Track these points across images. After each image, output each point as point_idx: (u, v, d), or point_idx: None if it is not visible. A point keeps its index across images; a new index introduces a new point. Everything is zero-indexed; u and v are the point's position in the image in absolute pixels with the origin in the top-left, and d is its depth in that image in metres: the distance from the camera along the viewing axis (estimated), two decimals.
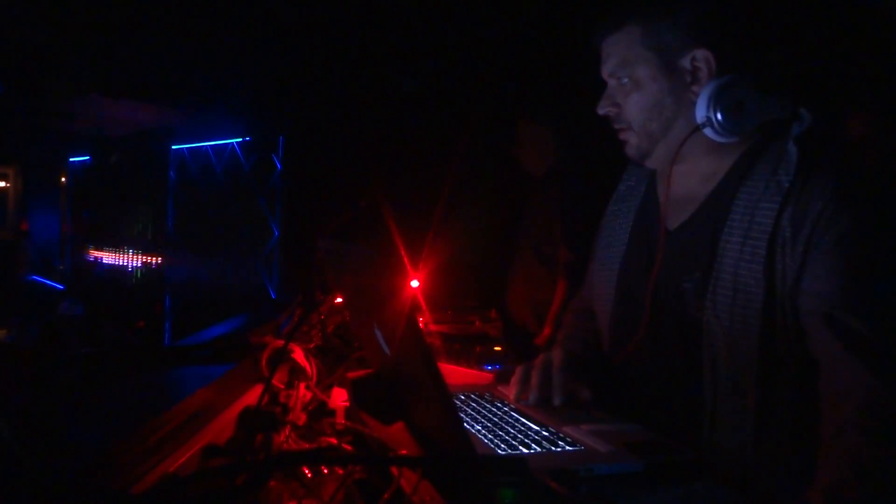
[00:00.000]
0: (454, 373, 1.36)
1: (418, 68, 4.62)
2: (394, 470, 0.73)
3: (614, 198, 1.37)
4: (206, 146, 5.55)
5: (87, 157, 6.88)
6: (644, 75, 1.13)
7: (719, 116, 1.06)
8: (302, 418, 1.03)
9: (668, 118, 1.14)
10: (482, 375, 1.33)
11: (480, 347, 1.50)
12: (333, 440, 0.93)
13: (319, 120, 4.78)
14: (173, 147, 5.80)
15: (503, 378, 1.24)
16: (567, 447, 0.89)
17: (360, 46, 4.50)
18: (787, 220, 1.01)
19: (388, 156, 4.63)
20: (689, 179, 1.18)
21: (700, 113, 1.09)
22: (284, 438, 0.94)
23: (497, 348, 1.57)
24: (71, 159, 7.14)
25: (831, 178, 1.01)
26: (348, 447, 0.92)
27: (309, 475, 0.80)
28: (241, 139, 5.25)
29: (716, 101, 1.07)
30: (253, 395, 1.13)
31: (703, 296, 1.07)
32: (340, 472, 0.78)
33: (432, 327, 1.65)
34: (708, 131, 1.08)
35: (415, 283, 1.64)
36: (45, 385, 0.89)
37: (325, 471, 0.80)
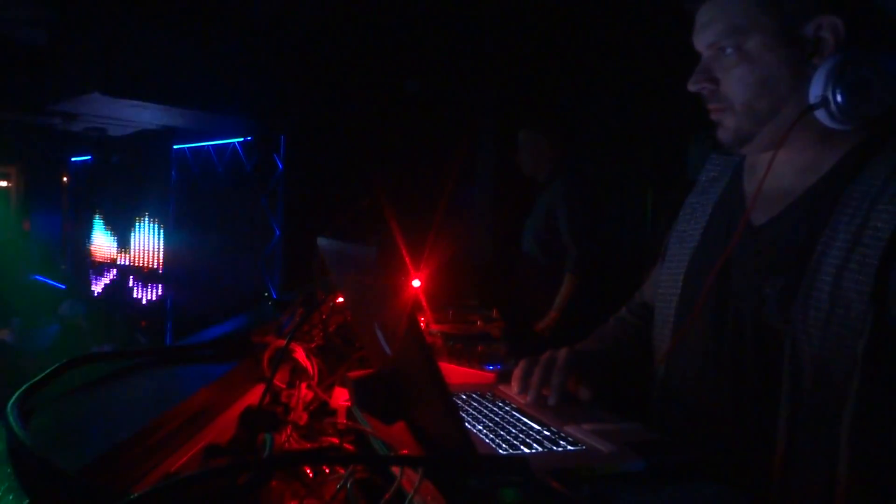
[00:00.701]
0: (455, 372, 1.35)
1: (420, 70, 4.63)
2: (395, 470, 0.73)
3: (694, 189, 1.21)
4: (208, 146, 5.56)
5: (89, 157, 6.90)
6: (756, 45, 0.94)
7: (839, 97, 0.88)
8: (303, 418, 1.02)
9: (781, 96, 0.96)
10: (483, 375, 1.33)
11: (482, 347, 1.49)
12: (335, 440, 0.93)
13: (321, 120, 4.78)
14: (175, 147, 5.81)
15: (505, 378, 1.24)
16: (569, 447, 0.89)
17: (362, 47, 4.50)
18: None
19: (388, 156, 4.64)
20: (784, 170, 1.00)
21: (815, 91, 0.90)
22: (286, 438, 0.94)
23: (498, 348, 1.57)
24: (73, 159, 7.15)
25: None
26: (350, 447, 0.92)
27: (310, 475, 0.80)
28: (242, 139, 5.25)
29: (837, 79, 0.88)
30: (254, 395, 1.13)
31: (788, 306, 0.91)
32: (342, 471, 0.78)
33: (433, 327, 1.65)
34: (821, 114, 0.91)
35: (416, 283, 1.64)
36: (51, 385, 0.89)
37: (327, 470, 0.80)
